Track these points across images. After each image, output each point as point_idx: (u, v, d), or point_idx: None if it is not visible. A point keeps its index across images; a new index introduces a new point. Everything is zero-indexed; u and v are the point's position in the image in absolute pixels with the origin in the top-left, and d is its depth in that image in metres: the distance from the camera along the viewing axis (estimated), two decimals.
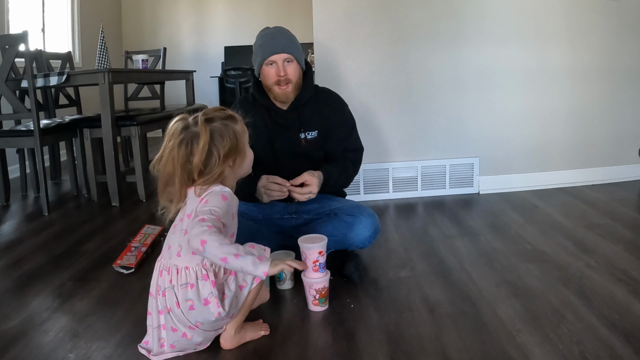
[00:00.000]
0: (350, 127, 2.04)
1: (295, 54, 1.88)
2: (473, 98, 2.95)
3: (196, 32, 6.46)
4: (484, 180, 3.02)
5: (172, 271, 1.30)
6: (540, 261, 1.95)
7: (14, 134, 2.91)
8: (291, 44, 1.88)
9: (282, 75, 1.85)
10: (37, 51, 3.47)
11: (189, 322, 1.29)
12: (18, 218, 2.83)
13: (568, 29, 2.95)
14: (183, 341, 1.33)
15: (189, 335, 1.32)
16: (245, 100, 2.02)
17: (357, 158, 2.06)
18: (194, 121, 1.31)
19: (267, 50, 1.85)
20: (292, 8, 6.32)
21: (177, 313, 1.29)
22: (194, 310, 1.28)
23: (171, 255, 1.33)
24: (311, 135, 1.97)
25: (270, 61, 1.86)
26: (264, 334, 1.47)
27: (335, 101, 2.04)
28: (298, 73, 1.91)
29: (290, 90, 1.89)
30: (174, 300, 1.28)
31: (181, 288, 1.28)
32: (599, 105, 3.06)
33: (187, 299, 1.28)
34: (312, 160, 1.94)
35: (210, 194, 1.30)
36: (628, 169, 3.14)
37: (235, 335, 1.40)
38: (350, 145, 2.02)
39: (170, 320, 1.31)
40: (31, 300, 1.75)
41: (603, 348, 1.33)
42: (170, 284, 1.29)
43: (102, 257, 2.15)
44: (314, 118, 1.97)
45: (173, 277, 1.29)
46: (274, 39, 1.87)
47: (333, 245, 1.84)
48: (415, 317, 1.55)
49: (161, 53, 4.27)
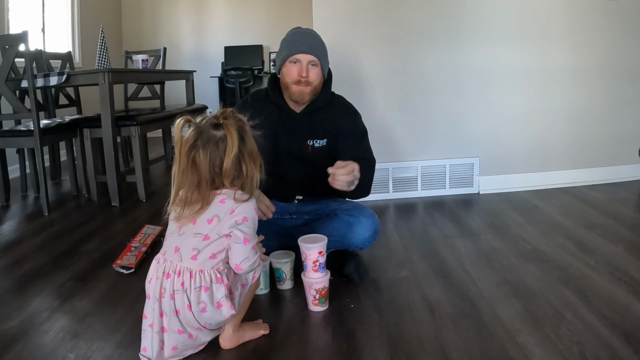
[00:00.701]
0: (360, 135, 1.95)
1: (321, 60, 1.84)
2: (473, 98, 2.95)
3: (196, 32, 6.46)
4: (484, 180, 3.02)
5: (185, 274, 1.28)
6: (540, 261, 1.95)
7: (14, 134, 2.91)
8: (320, 49, 1.85)
9: (303, 76, 1.81)
10: (37, 51, 3.47)
11: (199, 323, 1.29)
12: (18, 218, 2.83)
13: (568, 28, 2.95)
14: (188, 342, 1.33)
15: (194, 335, 1.32)
16: (258, 95, 1.99)
17: (371, 163, 1.94)
18: (209, 124, 1.26)
19: (294, 47, 1.82)
20: (292, 8, 6.32)
21: (187, 316, 1.27)
22: (206, 313, 1.27)
23: (182, 258, 1.29)
24: (319, 143, 1.92)
25: (295, 59, 1.82)
26: (264, 333, 1.47)
27: (347, 109, 1.98)
28: (319, 79, 1.87)
29: (308, 92, 1.84)
30: (185, 303, 1.27)
31: (195, 291, 1.26)
32: (599, 105, 3.06)
33: (200, 302, 1.27)
34: (316, 168, 1.87)
35: (244, 207, 1.27)
36: (628, 169, 3.14)
37: (234, 334, 1.40)
38: (360, 153, 1.90)
39: (176, 322, 1.29)
40: (31, 300, 1.75)
41: (603, 348, 1.33)
42: (182, 287, 1.27)
43: (102, 257, 2.15)
44: (324, 125, 1.92)
45: (186, 280, 1.27)
46: (304, 38, 1.84)
47: (333, 245, 1.84)
48: (415, 317, 1.55)
49: (161, 53, 4.27)
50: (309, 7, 3.06)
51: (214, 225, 1.27)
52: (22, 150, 3.42)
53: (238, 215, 1.27)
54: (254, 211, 1.30)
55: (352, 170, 1.63)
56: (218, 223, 1.27)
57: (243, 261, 1.28)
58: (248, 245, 1.28)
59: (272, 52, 6.32)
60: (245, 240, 1.28)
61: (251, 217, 1.29)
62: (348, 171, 1.62)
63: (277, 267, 1.75)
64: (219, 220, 1.27)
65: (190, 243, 1.29)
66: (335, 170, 1.62)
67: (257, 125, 1.36)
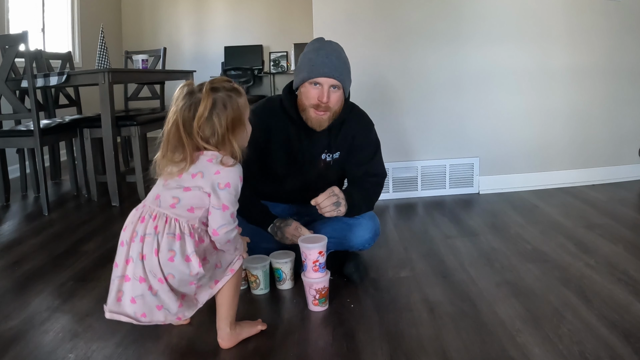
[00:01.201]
0: (374, 150, 1.90)
1: (344, 82, 1.71)
2: (473, 98, 2.95)
3: (196, 32, 6.46)
4: (484, 180, 3.02)
5: (160, 219, 1.28)
6: (540, 261, 1.95)
7: (14, 134, 2.91)
8: (343, 70, 1.71)
9: (324, 102, 1.68)
10: (37, 51, 3.47)
11: (162, 273, 1.25)
12: (18, 218, 2.83)
13: (568, 29, 2.95)
14: (148, 298, 1.27)
15: (155, 289, 1.27)
16: (271, 104, 1.86)
17: (379, 182, 1.91)
18: (199, 88, 1.32)
19: (316, 69, 1.67)
20: (292, 8, 6.31)
21: (152, 261, 1.25)
22: (173, 263, 1.25)
23: (161, 205, 1.30)
24: (332, 157, 1.86)
25: (315, 82, 1.68)
26: (261, 328, 1.47)
27: (363, 121, 1.90)
28: (340, 102, 1.74)
29: (326, 118, 1.73)
30: (153, 247, 1.25)
31: (167, 236, 1.26)
32: (599, 105, 3.06)
33: (170, 249, 1.25)
34: (325, 180, 1.84)
35: (229, 172, 1.29)
36: (628, 169, 3.14)
37: (231, 332, 1.39)
38: (371, 170, 1.88)
39: (140, 268, 1.26)
40: (31, 300, 1.75)
41: (603, 348, 1.33)
42: (154, 230, 1.26)
43: (102, 257, 2.15)
44: (340, 139, 1.84)
45: (160, 225, 1.27)
46: (328, 59, 1.68)
47: (333, 246, 1.84)
48: (415, 317, 1.55)
49: (161, 53, 4.27)
50: (309, 7, 3.06)
51: (197, 179, 1.28)
52: (22, 150, 3.42)
53: (222, 178, 1.28)
54: (238, 179, 1.31)
55: (332, 191, 1.67)
56: (201, 179, 1.28)
57: (220, 227, 1.28)
58: (227, 212, 1.29)
59: (272, 52, 6.32)
60: (224, 207, 1.28)
61: (234, 184, 1.30)
62: (328, 194, 1.66)
63: (277, 267, 1.75)
64: (202, 176, 1.28)
65: (171, 192, 1.30)
66: (318, 202, 1.66)
67: (268, 137, 1.36)
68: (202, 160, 1.30)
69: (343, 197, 1.70)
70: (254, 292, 1.75)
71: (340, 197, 1.68)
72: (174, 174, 1.30)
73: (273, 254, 1.78)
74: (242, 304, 1.68)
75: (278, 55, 6.27)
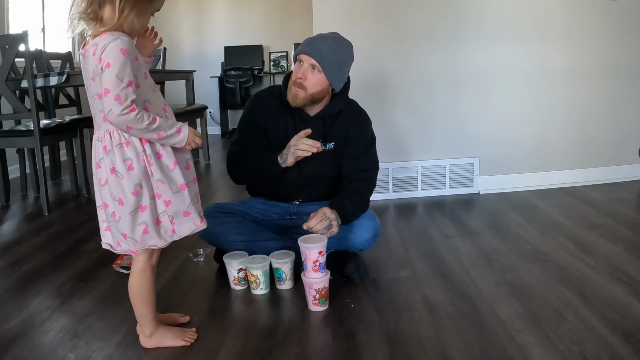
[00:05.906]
0: (367, 145, 1.92)
1: (326, 68, 1.76)
2: (473, 98, 2.96)
3: (196, 32, 6.46)
4: (484, 180, 3.02)
5: (104, 136, 1.25)
6: (540, 261, 1.95)
7: (14, 134, 2.91)
8: (328, 56, 1.76)
9: (299, 77, 1.77)
10: (37, 51, 3.47)
11: (123, 191, 1.24)
12: (18, 218, 2.83)
13: (568, 29, 2.95)
14: (112, 223, 1.27)
15: (117, 215, 1.26)
16: (273, 92, 1.95)
17: (370, 176, 1.91)
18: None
19: (301, 47, 1.80)
20: (292, 8, 6.31)
21: (111, 181, 1.24)
22: (133, 170, 1.24)
23: (100, 125, 1.26)
24: (326, 146, 1.90)
25: (299, 59, 1.79)
26: (184, 344, 1.41)
27: (359, 116, 1.95)
28: (318, 87, 1.79)
29: (301, 96, 1.79)
30: (108, 166, 1.24)
31: (117, 149, 1.24)
32: (599, 105, 3.06)
33: (126, 159, 1.24)
34: (320, 172, 1.91)
35: (106, 52, 1.17)
36: (628, 169, 3.14)
37: (151, 337, 1.40)
38: (361, 165, 1.89)
39: (106, 194, 1.26)
40: (31, 300, 1.75)
41: (603, 348, 1.33)
42: (105, 151, 1.25)
43: (102, 257, 2.15)
44: (335, 130, 1.90)
45: (106, 142, 1.24)
46: (314, 41, 1.78)
47: (333, 246, 1.84)
48: (415, 317, 1.55)
49: (161, 53, 4.27)
50: (309, 7, 3.06)
51: (97, 82, 1.22)
52: (22, 150, 3.42)
53: (103, 61, 1.17)
54: (119, 53, 1.17)
55: (323, 214, 1.66)
56: (97, 78, 1.22)
57: (108, 113, 1.18)
58: (109, 95, 1.17)
59: (272, 52, 6.32)
60: (106, 90, 1.17)
61: (115, 61, 1.16)
62: (320, 218, 1.64)
63: (277, 267, 1.75)
64: (95, 75, 1.22)
65: (96, 107, 1.27)
66: (310, 227, 1.64)
67: (267, 121, 1.34)
68: (89, 55, 1.21)
69: (335, 218, 1.68)
70: (254, 292, 1.75)
71: (332, 218, 1.67)
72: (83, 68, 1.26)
73: (273, 254, 1.78)
74: (242, 303, 1.69)
75: (278, 55, 6.27)
